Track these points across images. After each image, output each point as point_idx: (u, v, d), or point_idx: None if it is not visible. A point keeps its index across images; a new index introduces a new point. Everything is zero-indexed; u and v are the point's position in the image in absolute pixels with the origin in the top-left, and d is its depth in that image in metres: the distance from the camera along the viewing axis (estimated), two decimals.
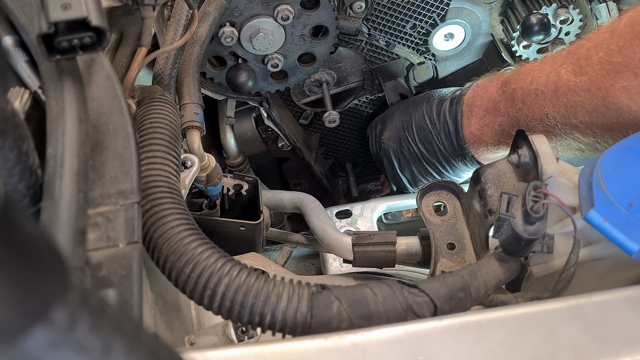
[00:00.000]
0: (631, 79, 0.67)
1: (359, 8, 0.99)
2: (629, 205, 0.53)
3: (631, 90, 0.68)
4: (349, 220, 1.09)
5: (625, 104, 0.69)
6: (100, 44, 0.48)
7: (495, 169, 0.67)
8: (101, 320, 0.27)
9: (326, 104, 1.09)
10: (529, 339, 0.46)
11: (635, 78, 0.67)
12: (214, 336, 0.59)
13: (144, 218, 0.52)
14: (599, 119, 0.73)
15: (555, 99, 0.77)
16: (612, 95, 0.70)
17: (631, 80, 0.68)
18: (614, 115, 0.71)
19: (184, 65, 0.79)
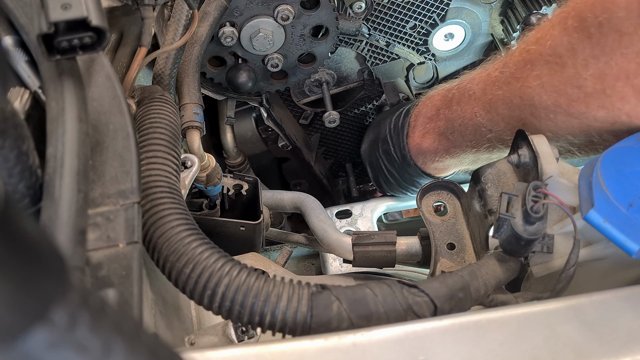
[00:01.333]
0: (543, 67, 0.68)
1: (359, 8, 0.99)
2: (629, 205, 0.53)
3: (542, 78, 0.68)
4: (349, 220, 1.09)
5: (537, 93, 0.68)
6: (100, 44, 0.48)
7: (495, 169, 0.67)
8: (101, 320, 0.27)
9: (326, 104, 1.09)
10: (529, 339, 0.46)
11: (546, 65, 0.67)
12: (214, 336, 0.59)
13: (144, 218, 0.52)
14: (515, 111, 0.73)
15: (482, 96, 0.78)
16: (526, 84, 0.70)
17: (543, 68, 0.68)
18: (528, 107, 0.70)
19: (184, 65, 0.79)
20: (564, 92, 0.66)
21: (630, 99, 0.61)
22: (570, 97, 0.65)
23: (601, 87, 0.62)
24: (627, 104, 0.62)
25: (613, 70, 0.60)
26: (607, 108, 0.63)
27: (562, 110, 0.67)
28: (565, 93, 0.66)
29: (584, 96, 0.64)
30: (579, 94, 0.64)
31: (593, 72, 0.62)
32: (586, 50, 0.62)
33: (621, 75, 0.60)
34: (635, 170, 0.55)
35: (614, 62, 0.60)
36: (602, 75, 0.61)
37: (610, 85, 0.61)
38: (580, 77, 0.63)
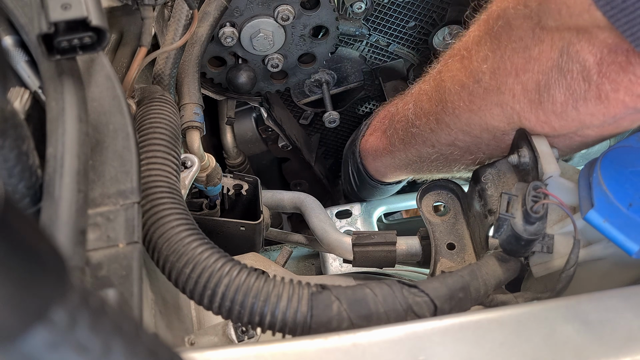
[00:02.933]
0: (455, 61, 0.68)
1: (359, 8, 0.99)
2: (629, 205, 0.53)
3: (453, 71, 0.68)
4: (349, 220, 1.09)
5: (447, 87, 0.69)
6: (100, 44, 0.48)
7: (495, 169, 0.67)
8: (101, 320, 0.27)
9: (326, 104, 1.09)
10: (529, 339, 0.46)
11: (458, 59, 0.67)
12: (214, 336, 0.59)
13: (144, 218, 0.52)
14: (432, 105, 0.73)
15: (416, 90, 0.78)
16: (442, 78, 0.71)
17: (455, 62, 0.68)
18: (441, 102, 0.71)
19: (184, 65, 0.79)
20: (467, 86, 0.66)
21: (520, 97, 0.61)
22: (471, 92, 0.65)
23: (496, 83, 0.62)
24: (518, 104, 0.61)
25: (506, 65, 0.60)
26: (501, 105, 0.63)
27: (464, 105, 0.67)
28: (468, 87, 0.66)
29: (482, 91, 0.64)
30: (478, 88, 0.64)
31: (490, 66, 0.62)
32: (487, 43, 0.62)
33: (512, 71, 0.60)
34: (635, 170, 0.55)
35: (507, 57, 0.60)
36: (497, 70, 0.61)
37: (503, 81, 0.61)
38: (479, 71, 0.63)
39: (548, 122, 0.61)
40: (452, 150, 0.74)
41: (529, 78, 0.59)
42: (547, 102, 0.59)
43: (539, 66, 0.58)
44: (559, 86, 0.57)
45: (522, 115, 0.62)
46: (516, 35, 0.59)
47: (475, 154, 0.72)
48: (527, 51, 0.58)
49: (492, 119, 0.65)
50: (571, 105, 0.57)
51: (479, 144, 0.70)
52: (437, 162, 0.78)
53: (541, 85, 0.58)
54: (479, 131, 0.68)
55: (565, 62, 0.56)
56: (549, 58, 0.57)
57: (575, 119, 0.59)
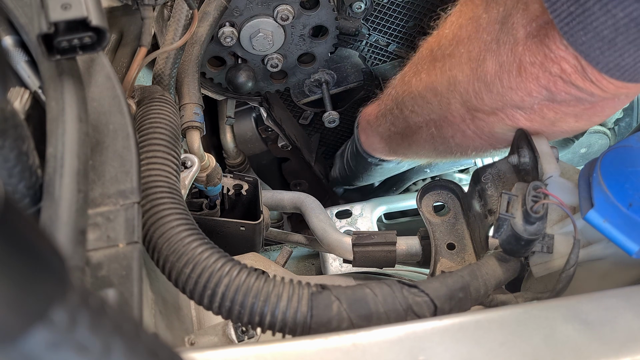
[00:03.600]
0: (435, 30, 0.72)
1: (358, 8, 0.99)
2: (629, 205, 0.53)
3: (428, 38, 0.73)
4: (349, 220, 1.09)
5: (422, 50, 0.73)
6: (100, 44, 0.48)
7: (495, 169, 0.67)
8: (101, 320, 0.27)
9: (326, 104, 1.09)
10: (529, 339, 0.46)
11: (436, 30, 0.71)
12: (214, 336, 0.59)
13: (144, 218, 0.52)
14: (409, 69, 0.77)
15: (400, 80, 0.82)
16: (421, 45, 0.75)
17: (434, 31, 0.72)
18: (414, 65, 0.76)
19: (184, 65, 0.79)
20: (432, 50, 0.71)
21: (464, 65, 0.64)
22: (434, 55, 0.70)
23: (451, 48, 0.66)
24: (461, 72, 0.65)
25: (462, 32, 0.65)
26: (450, 70, 0.67)
27: (426, 68, 0.72)
28: (432, 51, 0.70)
29: (440, 55, 0.69)
30: (439, 52, 0.69)
31: (450, 32, 0.67)
32: (456, 12, 0.67)
33: (464, 38, 0.64)
34: (635, 170, 0.55)
35: (464, 25, 0.65)
36: (455, 36, 0.66)
37: (456, 47, 0.66)
38: (443, 36, 0.68)
39: (479, 92, 0.63)
40: (413, 118, 0.78)
41: (475, 47, 0.61)
42: (481, 72, 0.61)
43: (485, 35, 0.60)
44: (493, 57, 0.59)
45: (461, 83, 0.65)
46: (474, 3, 0.62)
47: (428, 126, 0.75)
48: (478, 20, 0.61)
49: (440, 83, 0.69)
50: (498, 77, 0.59)
51: (430, 111, 0.74)
52: (405, 130, 0.82)
53: (481, 55, 0.61)
54: (431, 95, 0.71)
55: (503, 34, 0.58)
56: (493, 29, 0.59)
57: (499, 93, 0.61)
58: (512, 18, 0.56)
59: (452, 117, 0.70)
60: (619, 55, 0.49)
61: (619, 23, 0.47)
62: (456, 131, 0.71)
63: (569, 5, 0.49)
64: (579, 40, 0.50)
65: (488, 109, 0.64)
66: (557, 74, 0.55)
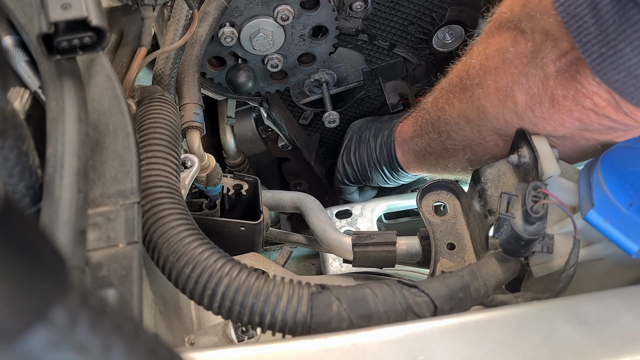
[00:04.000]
0: (463, 57, 0.75)
1: (358, 8, 0.99)
2: (629, 205, 0.53)
3: (458, 65, 0.76)
4: (349, 220, 1.09)
5: (452, 77, 0.77)
6: (100, 44, 0.48)
7: (495, 169, 0.67)
8: (101, 320, 0.27)
9: (326, 104, 1.09)
10: (529, 339, 0.46)
11: (464, 56, 0.74)
12: (214, 336, 0.59)
13: (144, 218, 0.52)
14: (441, 96, 0.80)
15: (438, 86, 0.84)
16: (450, 73, 0.78)
17: (462, 58, 0.75)
18: (446, 92, 0.78)
19: (184, 65, 0.79)
20: (462, 78, 0.73)
21: (491, 95, 0.66)
22: (464, 84, 0.73)
23: (478, 78, 0.69)
24: (489, 101, 0.67)
25: (489, 64, 0.67)
26: (479, 100, 0.69)
27: (458, 95, 0.74)
28: (462, 79, 0.73)
29: (470, 84, 0.72)
30: (468, 81, 0.71)
31: (477, 62, 0.69)
32: (483, 42, 0.69)
33: (492, 69, 0.67)
34: (635, 170, 0.55)
35: (490, 56, 0.66)
36: (482, 66, 0.68)
37: (484, 77, 0.69)
38: (471, 66, 0.71)
39: (509, 121, 0.65)
40: (449, 142, 0.79)
41: (502, 79, 0.63)
42: (510, 102, 0.63)
43: (512, 68, 0.62)
44: (522, 89, 0.61)
45: (489, 112, 0.67)
46: (502, 37, 0.63)
47: (464, 150, 0.77)
48: (505, 53, 0.62)
49: (471, 112, 0.71)
50: (529, 107, 0.62)
51: (465, 137, 0.75)
52: (441, 153, 0.83)
53: (509, 87, 0.63)
54: (464, 123, 0.74)
55: (532, 67, 0.59)
56: (521, 62, 0.61)
57: (531, 122, 0.63)
58: (541, 53, 0.58)
59: (485, 142, 0.72)
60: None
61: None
62: (490, 154, 0.73)
63: (599, 46, 0.50)
64: (612, 79, 0.52)
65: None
66: (590, 108, 0.56)
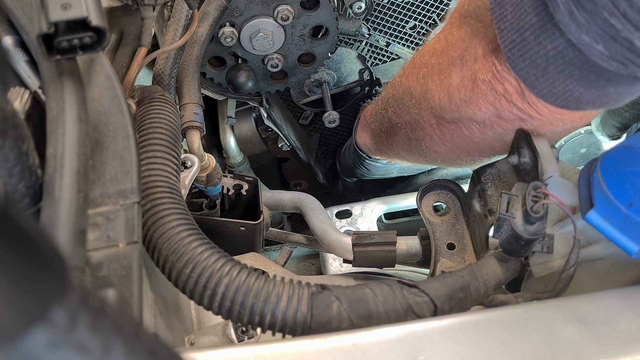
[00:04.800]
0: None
1: (358, 8, 0.99)
2: (629, 205, 0.53)
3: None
4: (349, 220, 1.09)
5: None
6: (100, 44, 0.48)
7: (495, 169, 0.67)
8: (101, 320, 0.27)
9: (326, 104, 1.09)
10: (529, 339, 0.46)
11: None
12: (214, 336, 0.59)
13: (144, 218, 0.52)
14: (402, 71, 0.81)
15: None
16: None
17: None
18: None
19: (184, 65, 0.79)
20: (415, 57, 0.76)
21: (434, 76, 0.69)
22: (416, 63, 0.74)
23: (427, 59, 0.71)
24: (431, 80, 0.69)
25: (437, 46, 0.69)
26: (423, 78, 0.71)
27: (407, 72, 0.76)
28: (416, 57, 0.75)
29: (419, 62, 0.73)
30: (421, 59, 0.73)
31: (432, 44, 0.72)
32: (444, 27, 0.72)
33: (438, 50, 0.69)
34: (635, 170, 0.55)
35: (442, 38, 0.69)
36: (433, 49, 0.71)
37: (430, 58, 0.71)
38: (427, 47, 0.73)
39: (442, 101, 0.68)
40: (394, 118, 0.82)
41: (444, 60, 0.67)
42: (446, 83, 0.66)
43: (453, 51, 0.65)
44: (456, 70, 0.64)
45: (431, 91, 0.70)
46: (451, 21, 0.67)
47: (403, 127, 0.80)
48: (449, 36, 0.66)
49: (415, 89, 0.74)
50: (457, 89, 0.65)
51: (406, 113, 0.78)
52: (388, 130, 0.86)
53: (448, 68, 0.66)
54: (409, 98, 0.76)
55: (466, 52, 0.63)
56: (460, 46, 0.64)
57: (456, 104, 0.66)
58: (475, 39, 0.61)
59: (422, 121, 0.75)
60: (551, 83, 0.55)
61: (548, 54, 0.52)
62: (425, 135, 0.76)
63: (512, 33, 0.54)
64: (518, 66, 0.56)
65: (449, 117, 0.69)
66: (501, 93, 0.60)
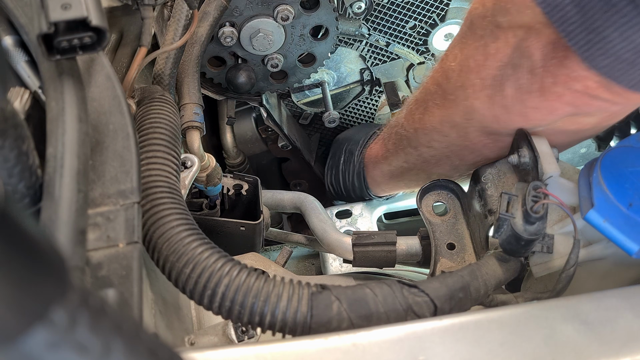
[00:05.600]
0: (438, 64, 0.73)
1: (358, 8, 0.99)
2: (629, 205, 0.53)
3: (433, 72, 0.74)
4: (349, 220, 1.09)
5: (429, 86, 0.75)
6: (100, 44, 0.48)
7: (495, 169, 0.67)
8: (101, 320, 0.27)
9: (326, 104, 1.09)
10: (529, 339, 0.46)
11: (439, 63, 0.72)
12: (214, 336, 0.59)
13: (144, 218, 0.52)
14: (417, 107, 0.78)
15: (411, 100, 0.82)
16: (426, 81, 0.76)
17: (437, 64, 0.73)
18: (423, 102, 0.76)
19: (184, 65, 0.79)
20: (441, 84, 0.72)
21: (478, 93, 0.64)
22: (444, 89, 0.71)
23: (461, 80, 0.66)
24: (477, 99, 0.65)
25: (469, 63, 0.65)
26: (465, 100, 0.67)
27: (440, 103, 0.72)
28: (441, 85, 0.72)
29: (452, 87, 0.69)
30: (448, 85, 0.69)
31: (457, 64, 0.67)
32: (458, 44, 0.69)
33: (474, 67, 0.64)
34: (635, 170, 0.55)
35: (471, 55, 0.65)
36: (463, 67, 0.66)
37: (467, 77, 0.65)
38: (450, 69, 0.69)
39: (499, 117, 0.64)
40: (430, 152, 0.78)
41: (487, 74, 0.62)
42: (498, 97, 0.62)
43: (496, 62, 0.61)
44: (510, 81, 0.60)
45: (478, 111, 0.66)
46: (478, 34, 0.62)
47: (448, 157, 0.76)
48: (486, 48, 0.62)
49: (457, 115, 0.69)
50: (518, 99, 0.61)
51: (449, 144, 0.74)
52: (420, 167, 0.82)
53: (496, 81, 0.61)
54: (448, 129, 0.72)
55: (517, 58, 0.59)
56: (505, 54, 0.60)
57: (521, 113, 0.62)
58: (526, 42, 0.57)
59: (472, 144, 0.71)
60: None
61: (638, 47, 0.49)
62: (478, 156, 0.72)
63: (586, 33, 0.51)
64: (600, 64, 0.52)
65: (509, 130, 0.66)
66: (582, 91, 0.56)
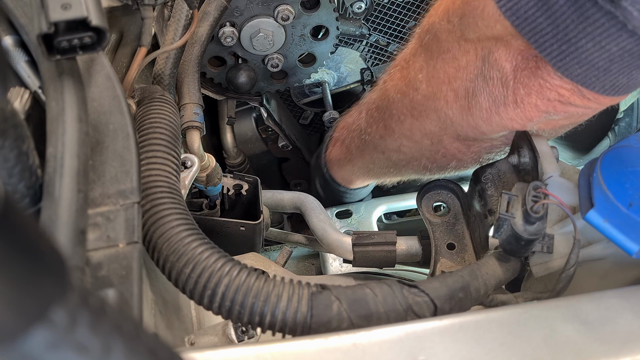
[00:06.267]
0: (396, 71, 0.73)
1: (359, 8, 0.99)
2: (629, 205, 0.53)
3: (395, 80, 0.73)
4: (348, 220, 1.09)
5: (391, 95, 0.74)
6: (100, 44, 0.48)
7: (495, 169, 0.67)
8: (101, 320, 0.27)
9: (326, 104, 1.09)
10: (529, 339, 0.46)
11: (400, 71, 0.72)
12: (214, 336, 0.59)
13: (144, 218, 0.52)
14: (381, 113, 0.77)
15: (367, 100, 0.83)
16: (386, 87, 0.76)
17: (396, 72, 0.73)
18: (387, 109, 0.76)
19: (184, 65, 0.79)
20: (407, 94, 0.70)
21: (452, 104, 0.64)
22: (411, 99, 0.69)
23: (432, 90, 0.66)
24: (451, 110, 0.65)
25: (439, 74, 0.64)
26: (437, 111, 0.67)
27: (407, 112, 0.71)
28: (408, 95, 0.70)
29: (421, 98, 0.68)
30: (417, 96, 0.68)
31: (425, 75, 0.66)
32: (421, 55, 0.66)
33: (445, 79, 0.63)
34: (635, 170, 0.55)
35: (439, 67, 0.63)
36: (432, 78, 0.65)
37: (438, 88, 0.65)
38: (417, 80, 0.67)
39: (477, 126, 0.64)
40: (399, 156, 0.78)
41: (460, 85, 0.62)
42: (475, 109, 0.62)
43: (467, 74, 0.61)
44: (483, 93, 0.61)
45: (454, 121, 0.66)
46: (444, 47, 0.62)
47: (419, 160, 0.76)
48: (455, 61, 0.62)
49: (430, 124, 0.69)
50: (494, 111, 0.61)
51: (420, 149, 0.74)
52: (389, 167, 0.82)
53: (469, 92, 0.62)
54: (420, 136, 0.72)
55: (487, 70, 0.59)
56: (475, 66, 0.60)
57: (499, 124, 0.62)
58: (494, 54, 0.58)
59: (446, 150, 0.72)
60: (614, 79, 0.53)
61: (613, 55, 0.50)
62: (451, 159, 0.73)
63: (560, 44, 0.51)
64: (574, 73, 0.53)
65: (486, 137, 0.67)
66: (555, 99, 0.57)
